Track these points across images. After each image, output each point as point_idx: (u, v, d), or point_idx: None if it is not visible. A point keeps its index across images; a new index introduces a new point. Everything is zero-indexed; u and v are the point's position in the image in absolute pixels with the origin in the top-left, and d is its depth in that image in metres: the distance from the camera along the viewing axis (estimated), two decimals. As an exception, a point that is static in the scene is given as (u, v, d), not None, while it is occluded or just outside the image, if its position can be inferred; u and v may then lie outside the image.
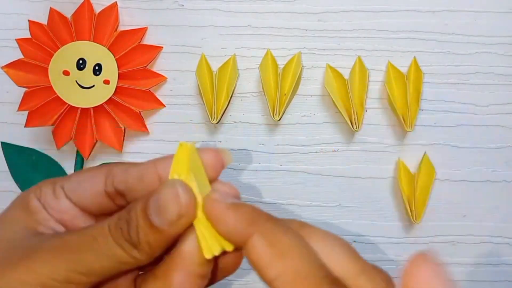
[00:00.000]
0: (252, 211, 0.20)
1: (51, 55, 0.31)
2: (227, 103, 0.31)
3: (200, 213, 0.20)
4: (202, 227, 0.20)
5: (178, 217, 0.19)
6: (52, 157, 0.33)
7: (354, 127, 0.31)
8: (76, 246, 0.21)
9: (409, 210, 0.31)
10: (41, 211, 0.22)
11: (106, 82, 0.31)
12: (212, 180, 0.21)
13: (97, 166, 0.24)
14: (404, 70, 0.32)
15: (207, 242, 0.20)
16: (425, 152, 0.31)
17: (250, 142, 0.32)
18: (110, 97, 0.31)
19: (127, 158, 0.33)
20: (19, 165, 0.33)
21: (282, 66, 0.32)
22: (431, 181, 0.31)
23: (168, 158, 0.21)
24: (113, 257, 0.20)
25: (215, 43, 0.33)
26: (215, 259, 0.21)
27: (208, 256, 0.20)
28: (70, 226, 0.23)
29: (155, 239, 0.20)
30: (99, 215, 0.24)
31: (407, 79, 0.31)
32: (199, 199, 0.20)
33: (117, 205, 0.23)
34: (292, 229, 0.19)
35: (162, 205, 0.19)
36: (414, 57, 0.32)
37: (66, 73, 0.31)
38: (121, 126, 0.32)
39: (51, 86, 0.31)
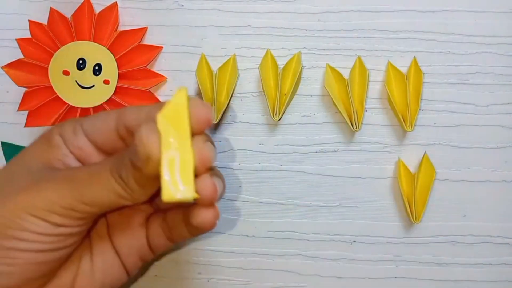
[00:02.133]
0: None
1: (51, 55, 0.31)
2: (227, 103, 0.31)
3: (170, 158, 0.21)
4: (167, 170, 0.21)
5: (146, 158, 0.21)
6: (52, 157, 0.33)
7: (354, 127, 0.31)
8: (83, 179, 0.23)
9: (409, 210, 0.31)
10: (61, 147, 0.25)
11: (106, 82, 0.31)
12: (197, 132, 0.22)
13: (112, 110, 0.26)
14: (404, 70, 0.32)
15: (168, 186, 0.21)
16: (425, 152, 0.31)
17: (250, 142, 0.32)
18: (110, 97, 0.31)
19: (127, 158, 0.33)
20: (19, 165, 0.33)
21: (282, 66, 0.32)
22: (431, 181, 0.31)
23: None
24: (113, 191, 0.23)
25: (215, 43, 0.33)
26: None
27: (165, 198, 0.21)
28: (87, 163, 0.25)
29: (138, 177, 0.22)
30: (112, 153, 0.25)
31: (407, 79, 0.31)
32: (172, 145, 0.21)
33: (127, 145, 0.25)
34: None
35: (135, 147, 0.21)
36: (414, 57, 0.32)
37: (66, 73, 0.31)
38: (121, 126, 0.32)
39: (51, 86, 0.31)
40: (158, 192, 0.25)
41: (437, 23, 0.32)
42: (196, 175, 0.22)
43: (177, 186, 0.21)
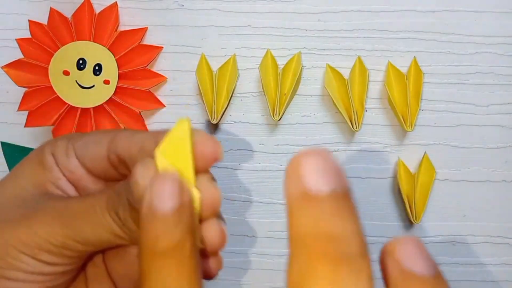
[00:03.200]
0: None
1: (51, 55, 0.31)
2: (227, 103, 0.31)
3: None
4: None
5: (140, 199, 0.18)
6: (52, 157, 0.33)
7: (354, 127, 0.31)
8: (76, 212, 0.20)
9: (409, 210, 0.31)
10: (54, 168, 0.22)
11: (106, 82, 0.31)
12: (201, 171, 0.19)
13: (106, 130, 0.24)
14: (404, 70, 0.32)
15: None
16: (425, 152, 0.31)
17: (250, 142, 0.32)
18: (110, 97, 0.31)
19: (127, 158, 0.33)
20: (19, 165, 0.33)
21: (282, 66, 0.32)
22: (431, 181, 0.31)
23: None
24: (109, 230, 0.20)
25: (215, 43, 0.33)
26: None
27: None
28: (79, 187, 0.23)
29: (137, 218, 0.19)
30: (106, 179, 0.23)
31: (407, 79, 0.31)
32: None
33: (120, 174, 0.23)
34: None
35: (130, 186, 0.19)
36: (414, 57, 0.32)
37: (66, 73, 0.31)
38: (121, 126, 0.32)
39: (51, 86, 0.31)
40: None
41: (437, 23, 0.32)
42: (200, 220, 0.19)
43: None
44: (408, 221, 0.32)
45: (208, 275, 0.21)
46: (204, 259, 0.21)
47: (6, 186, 0.22)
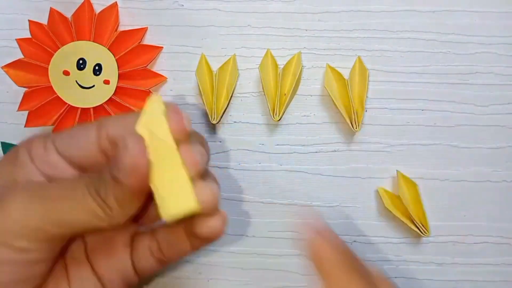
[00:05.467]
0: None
1: (51, 55, 0.31)
2: (227, 103, 0.31)
3: (160, 171, 0.19)
4: (160, 185, 0.19)
5: (132, 169, 0.19)
6: (52, 157, 0.33)
7: (354, 127, 0.31)
8: (54, 194, 0.20)
9: (416, 229, 0.30)
10: (28, 165, 0.22)
11: (106, 82, 0.31)
12: (181, 139, 0.21)
13: (84, 123, 0.23)
14: (404, 70, 0.32)
15: (165, 203, 0.19)
16: (397, 171, 0.31)
17: (250, 142, 0.32)
18: (110, 97, 0.31)
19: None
20: (19, 165, 0.33)
21: (282, 66, 0.32)
22: (418, 194, 0.30)
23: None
24: (88, 210, 0.20)
25: (215, 43, 0.33)
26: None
27: (167, 217, 0.19)
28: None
29: (120, 193, 0.19)
30: (91, 170, 0.23)
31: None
32: (159, 155, 0.19)
33: (108, 159, 0.22)
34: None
35: (118, 157, 0.19)
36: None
37: (66, 73, 0.31)
38: (121, 126, 0.32)
39: (51, 86, 0.31)
40: (142, 211, 0.23)
41: (437, 23, 0.32)
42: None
43: (176, 200, 0.19)
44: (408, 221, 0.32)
45: (217, 233, 0.22)
46: (209, 218, 0.21)
47: None
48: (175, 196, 0.19)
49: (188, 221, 0.23)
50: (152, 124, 0.20)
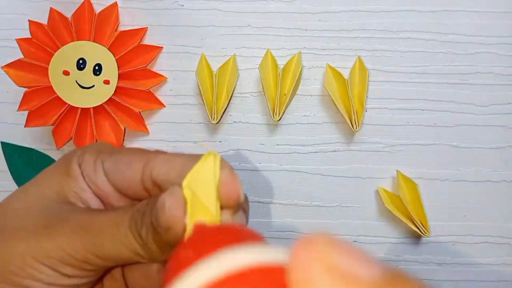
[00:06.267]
0: None
1: (51, 55, 0.31)
2: (227, 103, 0.31)
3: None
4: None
5: (167, 227, 0.19)
6: (52, 157, 0.33)
7: (354, 127, 0.31)
8: (99, 228, 0.21)
9: (416, 229, 0.30)
10: (79, 179, 0.22)
11: (106, 82, 0.31)
12: (225, 206, 0.20)
13: (137, 150, 0.23)
14: (404, 70, 0.32)
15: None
16: (397, 171, 0.31)
17: (250, 142, 0.32)
18: (110, 97, 0.31)
19: (127, 158, 0.33)
20: (19, 165, 0.33)
21: (282, 66, 0.32)
22: (418, 194, 0.30)
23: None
24: (130, 248, 0.20)
25: (215, 43, 0.33)
26: None
27: None
28: (104, 201, 0.23)
29: (158, 240, 0.20)
30: (134, 198, 0.23)
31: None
32: (196, 217, 0.19)
33: (150, 195, 0.22)
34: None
35: (156, 212, 0.19)
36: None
37: (66, 73, 0.31)
38: (121, 126, 0.32)
39: (51, 86, 0.31)
40: None
41: (437, 23, 0.32)
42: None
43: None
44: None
45: None
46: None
47: (29, 193, 0.22)
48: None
49: None
50: (200, 185, 0.19)
